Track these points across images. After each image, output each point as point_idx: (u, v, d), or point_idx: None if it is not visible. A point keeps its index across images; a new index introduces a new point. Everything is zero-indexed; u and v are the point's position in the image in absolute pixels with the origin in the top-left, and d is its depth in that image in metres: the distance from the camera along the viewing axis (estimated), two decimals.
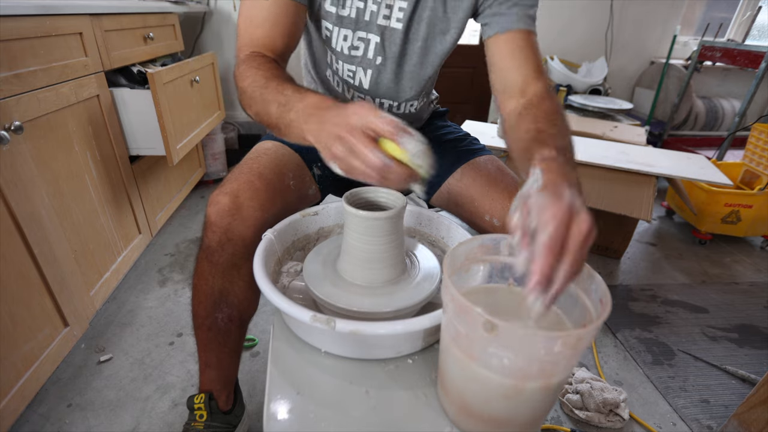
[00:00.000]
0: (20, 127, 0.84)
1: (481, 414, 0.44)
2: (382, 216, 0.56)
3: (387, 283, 0.62)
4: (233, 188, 0.67)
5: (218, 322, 0.70)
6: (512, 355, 0.38)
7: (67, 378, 1.05)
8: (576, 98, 2.33)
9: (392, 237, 0.59)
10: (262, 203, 0.67)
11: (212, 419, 0.76)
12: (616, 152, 1.58)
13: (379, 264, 0.60)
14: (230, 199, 0.65)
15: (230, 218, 0.65)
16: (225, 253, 0.65)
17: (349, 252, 0.61)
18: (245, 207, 0.66)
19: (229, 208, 0.65)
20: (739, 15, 2.78)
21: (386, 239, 0.59)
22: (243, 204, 0.66)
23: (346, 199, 0.59)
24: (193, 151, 1.86)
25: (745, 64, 2.03)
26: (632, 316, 1.37)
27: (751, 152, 2.01)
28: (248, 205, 0.66)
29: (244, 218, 0.65)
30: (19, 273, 0.86)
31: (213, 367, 0.75)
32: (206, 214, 0.66)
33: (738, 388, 1.11)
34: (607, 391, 1.00)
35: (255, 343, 1.18)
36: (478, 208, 0.71)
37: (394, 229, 0.59)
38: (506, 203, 0.68)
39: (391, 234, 0.59)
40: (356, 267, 0.61)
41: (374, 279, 0.61)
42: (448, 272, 0.42)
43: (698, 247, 1.81)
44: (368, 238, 0.58)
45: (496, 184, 0.71)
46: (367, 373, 0.55)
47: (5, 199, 0.82)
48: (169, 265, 1.50)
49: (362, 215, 0.56)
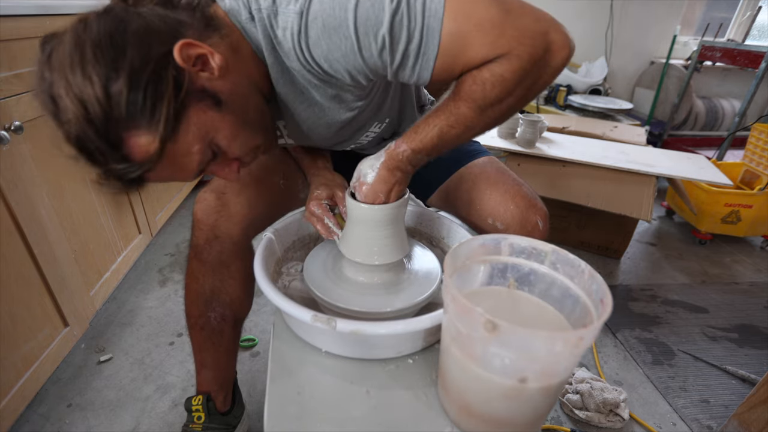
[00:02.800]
0: (20, 127, 0.84)
1: (482, 414, 0.44)
2: (385, 207, 0.57)
3: (387, 282, 0.62)
4: (219, 185, 0.67)
5: (211, 321, 0.69)
6: (513, 355, 0.38)
7: (67, 378, 1.05)
8: (576, 98, 2.32)
9: (394, 227, 0.60)
10: (249, 200, 0.67)
11: (210, 420, 0.76)
12: (616, 152, 1.58)
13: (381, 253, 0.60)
14: (216, 195, 0.65)
15: (216, 215, 0.65)
16: (213, 250, 0.65)
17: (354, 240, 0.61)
18: (232, 204, 0.65)
19: (215, 205, 0.65)
20: (739, 15, 2.78)
21: (389, 230, 0.59)
22: (229, 201, 0.65)
23: (349, 193, 0.60)
24: None
25: (745, 64, 2.03)
26: (632, 316, 1.37)
27: (751, 152, 2.01)
28: (235, 201, 0.66)
29: (230, 215, 0.65)
30: (19, 273, 0.86)
31: (209, 368, 0.75)
32: (193, 212, 0.66)
33: (738, 388, 1.11)
34: (607, 391, 1.00)
35: (255, 343, 1.18)
36: (479, 211, 0.71)
37: (395, 220, 0.59)
38: (509, 205, 0.67)
39: (393, 224, 0.59)
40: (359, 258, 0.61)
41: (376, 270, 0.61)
42: (448, 272, 0.42)
43: (698, 247, 1.81)
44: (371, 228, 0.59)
45: (496, 186, 0.70)
46: (367, 373, 0.55)
47: (5, 199, 0.82)
48: (169, 265, 1.50)
49: (366, 206, 0.57)
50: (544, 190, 1.47)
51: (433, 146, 0.53)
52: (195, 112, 0.44)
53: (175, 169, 0.46)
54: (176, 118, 0.42)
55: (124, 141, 0.40)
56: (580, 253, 0.99)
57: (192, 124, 0.44)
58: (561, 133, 1.80)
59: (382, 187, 0.56)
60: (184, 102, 0.42)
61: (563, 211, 1.64)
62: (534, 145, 1.56)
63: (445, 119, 0.51)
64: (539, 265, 0.50)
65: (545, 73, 0.48)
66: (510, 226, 0.67)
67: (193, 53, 0.42)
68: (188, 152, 0.45)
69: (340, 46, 0.45)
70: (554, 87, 2.41)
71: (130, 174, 0.42)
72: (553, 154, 1.51)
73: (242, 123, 0.49)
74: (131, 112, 0.39)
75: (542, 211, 0.69)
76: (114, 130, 0.39)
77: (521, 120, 1.55)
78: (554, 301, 0.49)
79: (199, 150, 0.46)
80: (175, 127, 0.42)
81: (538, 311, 0.50)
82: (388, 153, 0.56)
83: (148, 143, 0.41)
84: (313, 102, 0.56)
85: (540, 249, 0.50)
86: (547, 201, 0.73)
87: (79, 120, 0.38)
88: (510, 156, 1.57)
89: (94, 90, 0.37)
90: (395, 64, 0.46)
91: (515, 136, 1.60)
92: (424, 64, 0.47)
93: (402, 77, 0.49)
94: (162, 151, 0.42)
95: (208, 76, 0.44)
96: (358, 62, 0.46)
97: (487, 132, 0.56)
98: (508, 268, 0.52)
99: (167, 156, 0.43)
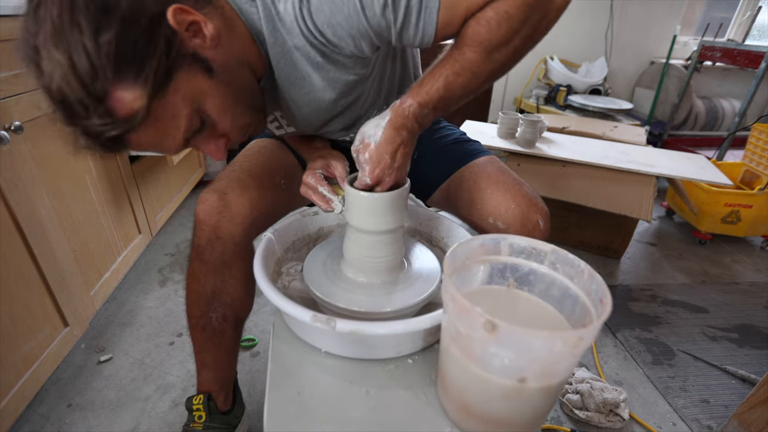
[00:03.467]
0: (20, 127, 0.84)
1: (482, 414, 0.44)
2: (386, 195, 0.56)
3: (387, 282, 0.62)
4: (221, 186, 0.67)
5: (212, 321, 0.69)
6: (512, 355, 0.38)
7: (67, 378, 1.05)
8: (576, 98, 2.32)
9: (395, 218, 0.59)
10: (251, 200, 0.67)
11: (211, 420, 0.76)
12: (616, 152, 1.58)
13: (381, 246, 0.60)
14: (218, 196, 0.65)
15: (218, 216, 0.64)
16: (215, 251, 0.65)
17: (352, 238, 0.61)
18: (233, 204, 0.65)
19: (217, 205, 0.65)
20: (739, 15, 2.78)
21: (390, 219, 0.59)
22: (231, 201, 0.65)
23: (348, 182, 0.59)
24: (193, 150, 1.85)
25: (745, 64, 2.03)
26: (632, 316, 1.37)
27: (751, 152, 2.00)
28: (236, 202, 0.65)
29: (232, 216, 0.65)
30: (19, 273, 0.86)
31: (210, 368, 0.75)
32: (195, 213, 0.66)
33: (738, 388, 1.11)
34: (607, 391, 1.00)
35: (255, 343, 1.18)
36: (480, 211, 0.70)
37: (396, 210, 0.59)
38: (510, 204, 0.67)
39: (394, 214, 0.59)
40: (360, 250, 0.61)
41: (376, 263, 0.61)
42: (448, 272, 0.42)
43: (698, 247, 1.81)
44: (372, 218, 0.58)
45: (497, 185, 0.70)
46: (367, 373, 0.55)
47: (5, 199, 0.82)
48: (169, 265, 1.50)
49: (366, 195, 0.56)
50: (544, 190, 1.47)
51: (439, 98, 0.52)
52: (185, 75, 0.43)
53: (159, 134, 0.45)
54: (165, 77, 0.41)
55: (108, 94, 0.39)
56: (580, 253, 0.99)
57: (181, 87, 0.43)
58: (561, 133, 1.80)
59: (388, 147, 0.54)
60: (175, 63, 0.41)
61: (563, 211, 1.64)
62: (534, 145, 1.56)
63: (450, 67, 0.50)
64: (539, 265, 0.50)
65: (550, 9, 0.46)
66: (511, 225, 0.67)
67: (186, 19, 0.42)
68: (175, 115, 0.44)
69: (343, 8, 0.44)
70: (554, 87, 2.41)
71: (110, 131, 0.41)
72: (553, 154, 1.51)
73: (232, 96, 0.49)
74: (119, 65, 0.38)
75: (543, 210, 0.69)
76: (100, 82, 0.38)
77: (521, 120, 1.55)
78: (554, 301, 0.49)
79: (187, 115, 0.45)
80: (163, 85, 0.41)
81: (537, 311, 0.50)
82: (393, 110, 0.53)
83: (134, 99, 0.40)
84: (312, 86, 0.55)
85: (539, 249, 0.50)
86: (547, 201, 0.73)
87: (63, 69, 0.37)
88: (510, 156, 1.57)
89: (83, 38, 0.36)
90: (399, 21, 0.46)
91: (515, 136, 1.60)
92: (428, 18, 0.46)
93: (407, 38, 0.48)
94: (148, 110, 0.41)
95: (200, 43, 0.44)
96: (362, 24, 0.46)
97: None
98: (508, 268, 0.52)
99: (153, 116, 0.42)
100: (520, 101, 2.61)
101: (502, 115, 1.62)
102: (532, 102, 2.47)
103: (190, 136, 0.48)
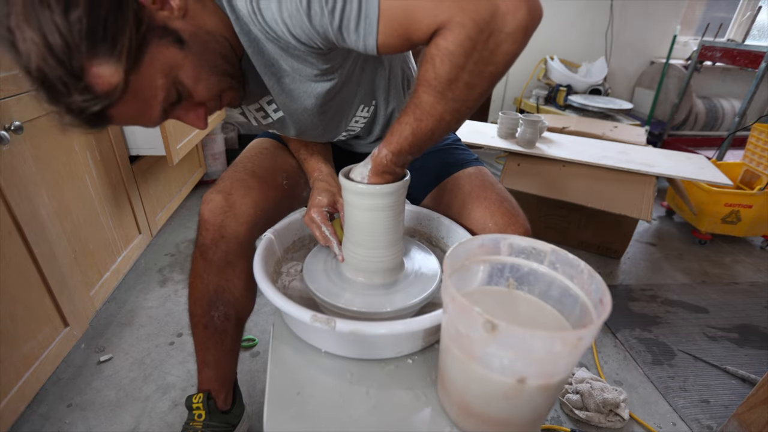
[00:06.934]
0: (20, 127, 0.84)
1: (482, 414, 0.44)
2: (385, 188, 0.56)
3: (387, 282, 0.62)
4: (226, 186, 0.68)
5: (215, 320, 0.70)
6: (512, 355, 0.38)
7: (67, 378, 1.05)
8: (576, 98, 2.33)
9: (394, 211, 0.59)
10: (255, 201, 0.68)
11: (211, 419, 0.76)
12: (616, 152, 1.58)
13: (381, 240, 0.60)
14: (223, 196, 0.66)
15: (223, 216, 0.66)
16: (219, 250, 0.66)
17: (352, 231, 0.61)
18: (238, 204, 0.66)
19: (221, 205, 0.66)
20: (739, 15, 2.78)
21: (388, 213, 0.58)
22: (236, 202, 0.66)
23: (343, 174, 0.59)
24: (193, 151, 1.85)
25: (745, 64, 2.03)
26: (632, 316, 1.37)
27: (751, 152, 2.01)
28: (241, 202, 0.67)
29: (236, 215, 0.66)
30: (19, 273, 0.86)
31: (211, 367, 0.75)
32: (200, 212, 0.67)
33: (738, 388, 1.11)
34: (607, 391, 1.00)
35: (255, 343, 1.18)
36: (463, 225, 0.73)
37: (395, 204, 0.58)
38: (488, 223, 0.69)
39: (393, 208, 0.58)
40: (358, 247, 0.61)
41: (376, 263, 0.61)
42: (448, 272, 0.42)
43: (698, 247, 1.81)
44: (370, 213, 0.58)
45: (478, 201, 0.72)
46: (367, 373, 0.55)
47: (5, 199, 0.82)
48: (169, 265, 1.50)
49: (362, 188, 0.56)
50: (544, 190, 1.47)
51: (411, 145, 0.52)
52: (157, 48, 0.44)
53: (139, 106, 0.46)
54: (139, 51, 0.42)
55: (85, 70, 0.40)
56: (579, 253, 0.99)
57: (155, 59, 0.44)
58: (561, 133, 1.80)
59: None
60: (146, 37, 0.43)
61: (563, 211, 1.64)
62: (534, 145, 1.56)
63: (412, 113, 0.50)
64: (538, 265, 0.50)
65: (500, 40, 0.43)
66: None
67: None
68: (152, 86, 0.45)
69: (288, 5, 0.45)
70: (554, 87, 2.41)
71: (92, 107, 0.42)
72: (553, 154, 1.51)
73: (206, 65, 0.49)
74: (92, 41, 0.39)
75: (523, 227, 0.70)
76: (75, 59, 0.39)
77: (521, 120, 1.56)
78: (553, 301, 0.49)
79: (163, 85, 0.46)
80: (137, 58, 0.42)
81: (537, 311, 0.50)
82: (373, 159, 0.56)
83: (111, 74, 0.41)
84: (282, 74, 0.56)
85: (539, 249, 0.50)
86: (547, 201, 0.74)
87: (39, 47, 0.38)
88: (510, 156, 1.57)
89: (53, 16, 0.37)
90: (335, 25, 0.46)
91: (515, 136, 1.60)
92: (368, 28, 0.46)
93: (349, 42, 0.48)
94: (126, 84, 0.42)
95: (167, 15, 0.45)
96: (304, 23, 0.46)
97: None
98: (508, 268, 0.52)
99: (131, 90, 0.43)
100: (520, 101, 2.61)
101: (502, 115, 1.62)
102: (532, 102, 2.48)
103: (168, 107, 0.49)
